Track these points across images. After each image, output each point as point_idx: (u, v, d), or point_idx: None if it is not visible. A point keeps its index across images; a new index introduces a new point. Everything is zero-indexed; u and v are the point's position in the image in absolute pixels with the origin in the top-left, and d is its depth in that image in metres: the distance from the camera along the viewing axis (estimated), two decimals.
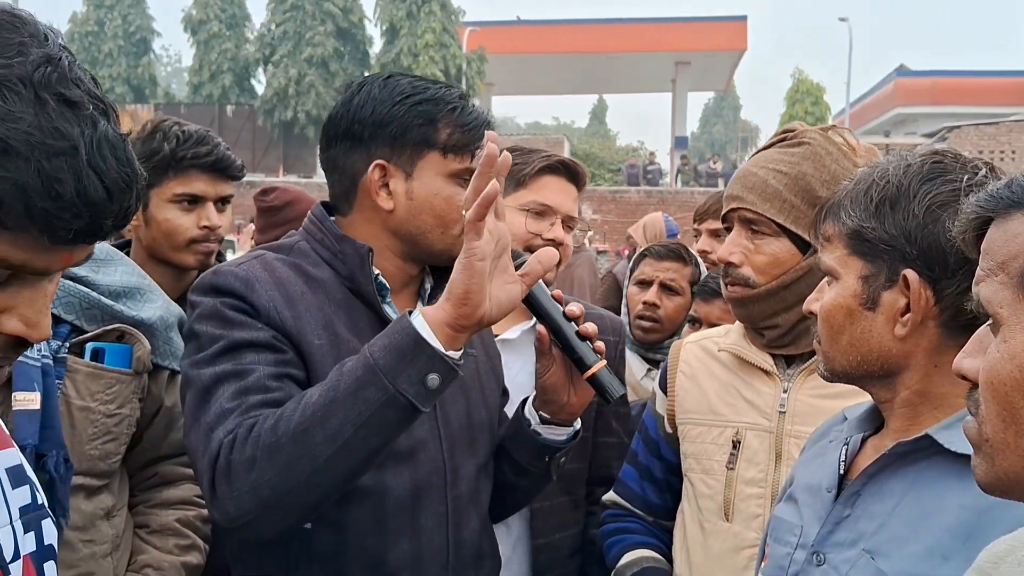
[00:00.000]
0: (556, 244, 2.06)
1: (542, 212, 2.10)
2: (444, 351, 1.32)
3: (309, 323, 1.49)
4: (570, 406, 1.58)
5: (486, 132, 1.47)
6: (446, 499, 1.56)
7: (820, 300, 1.34)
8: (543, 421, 1.63)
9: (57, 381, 1.60)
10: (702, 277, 2.81)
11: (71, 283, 1.66)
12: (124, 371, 1.67)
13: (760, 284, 1.73)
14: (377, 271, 1.57)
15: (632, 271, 2.95)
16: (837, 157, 1.71)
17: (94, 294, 1.67)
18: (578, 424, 1.66)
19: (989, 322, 0.86)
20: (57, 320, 1.62)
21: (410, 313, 1.36)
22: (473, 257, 1.31)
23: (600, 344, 1.51)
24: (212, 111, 31.72)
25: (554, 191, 2.12)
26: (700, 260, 2.93)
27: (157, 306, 1.79)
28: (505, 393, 1.82)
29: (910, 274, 1.24)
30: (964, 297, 1.21)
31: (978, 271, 0.87)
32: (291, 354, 1.46)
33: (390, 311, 1.58)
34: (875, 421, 1.37)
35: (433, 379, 1.31)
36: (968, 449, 1.17)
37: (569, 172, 2.16)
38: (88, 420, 1.63)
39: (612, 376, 1.46)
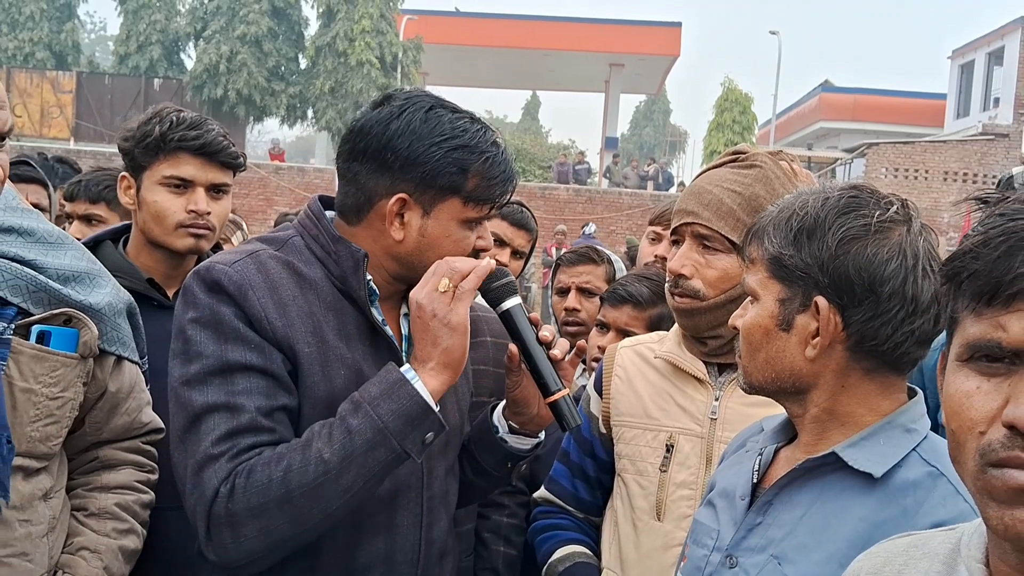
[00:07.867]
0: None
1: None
2: (440, 414, 1.47)
3: (300, 330, 1.51)
4: (539, 418, 1.65)
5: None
6: (422, 499, 1.62)
7: (743, 317, 1.42)
8: (511, 431, 1.69)
9: (0, 362, 1.59)
10: (617, 276, 2.87)
11: (19, 266, 1.63)
12: (69, 355, 1.66)
13: (709, 296, 1.80)
14: (369, 276, 1.59)
15: (552, 283, 3.05)
16: (784, 182, 1.80)
17: (42, 278, 1.65)
18: (543, 435, 1.73)
19: None
20: (3, 303, 1.61)
21: (400, 364, 1.49)
22: (464, 322, 1.48)
23: (567, 366, 1.60)
24: (139, 83, 30.73)
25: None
26: (613, 257, 3.00)
27: (106, 292, 1.78)
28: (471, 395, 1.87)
29: (820, 301, 1.32)
30: (869, 325, 1.32)
31: None
32: (283, 376, 1.50)
33: (376, 313, 1.61)
34: (789, 432, 1.46)
35: (430, 437, 1.47)
36: (870, 468, 1.30)
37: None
38: (30, 402, 1.62)
39: (572, 405, 1.54)
